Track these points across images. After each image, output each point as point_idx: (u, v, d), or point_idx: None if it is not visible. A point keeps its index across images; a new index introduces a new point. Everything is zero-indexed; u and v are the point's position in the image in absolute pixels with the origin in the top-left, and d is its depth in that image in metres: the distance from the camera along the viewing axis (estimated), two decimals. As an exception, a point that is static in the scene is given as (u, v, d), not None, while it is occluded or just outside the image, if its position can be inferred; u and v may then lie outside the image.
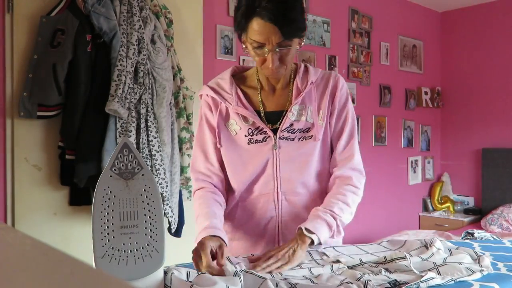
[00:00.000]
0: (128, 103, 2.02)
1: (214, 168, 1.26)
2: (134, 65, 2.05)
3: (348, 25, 3.77)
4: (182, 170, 2.32)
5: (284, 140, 1.21)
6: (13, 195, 2.01)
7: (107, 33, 2.00)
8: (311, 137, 1.22)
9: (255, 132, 1.22)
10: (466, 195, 4.51)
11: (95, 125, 2.00)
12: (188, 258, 1.06)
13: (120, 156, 0.80)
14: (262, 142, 1.21)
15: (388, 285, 0.88)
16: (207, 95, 1.27)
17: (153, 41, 2.17)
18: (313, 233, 1.11)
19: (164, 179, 2.10)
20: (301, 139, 1.22)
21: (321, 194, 1.27)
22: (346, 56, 3.76)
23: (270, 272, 0.99)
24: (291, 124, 1.21)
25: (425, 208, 4.49)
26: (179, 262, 1.07)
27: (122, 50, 2.01)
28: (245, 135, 1.22)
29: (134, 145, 2.04)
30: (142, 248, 0.79)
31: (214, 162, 1.26)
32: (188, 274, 0.87)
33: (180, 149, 2.32)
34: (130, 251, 0.78)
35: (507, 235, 3.47)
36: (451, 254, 1.08)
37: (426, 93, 4.41)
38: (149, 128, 2.08)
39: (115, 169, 0.79)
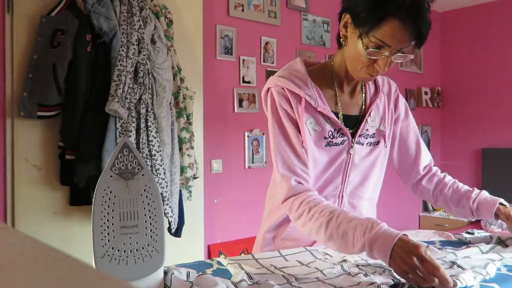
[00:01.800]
0: (128, 103, 2.02)
1: (308, 170, 1.13)
2: (134, 65, 2.05)
3: (348, 25, 3.77)
4: (182, 170, 2.32)
5: (358, 145, 1.19)
6: (13, 195, 2.01)
7: (107, 33, 2.00)
8: (377, 143, 1.22)
9: (336, 135, 1.15)
10: (466, 195, 4.50)
11: (95, 125, 2.00)
12: (188, 258, 1.06)
13: (120, 156, 0.80)
14: (340, 145, 1.17)
15: (392, 283, 0.88)
16: (284, 88, 1.13)
17: (153, 41, 2.17)
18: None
19: (164, 179, 2.10)
20: (369, 144, 1.21)
21: (374, 201, 1.29)
22: (346, 56, 3.75)
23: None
24: (367, 130, 1.20)
25: (425, 208, 4.49)
26: (179, 262, 1.07)
27: (122, 50, 2.01)
28: (325, 137, 1.15)
29: (134, 145, 2.04)
30: (142, 248, 0.79)
31: (307, 163, 1.12)
32: (188, 275, 0.87)
33: (180, 149, 2.31)
34: (130, 251, 0.78)
35: (507, 235, 3.47)
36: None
37: (426, 93, 4.41)
38: (149, 128, 2.08)
39: (115, 169, 0.79)
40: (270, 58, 3.17)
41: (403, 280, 0.89)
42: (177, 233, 2.27)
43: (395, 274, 0.93)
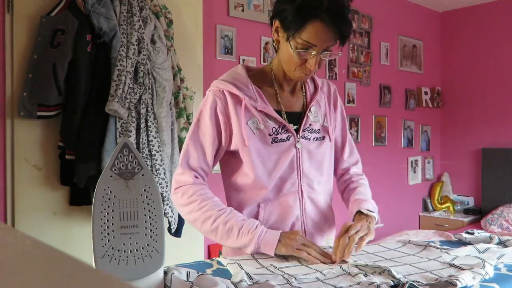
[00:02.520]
0: (128, 103, 2.02)
1: (209, 170, 1.24)
2: (134, 65, 2.05)
3: (348, 25, 3.76)
4: (182, 170, 2.32)
5: (304, 140, 1.25)
6: (13, 195, 2.01)
7: (107, 33, 2.00)
8: (323, 138, 1.29)
9: (280, 131, 1.22)
10: (466, 195, 4.51)
11: (95, 125, 2.00)
12: (188, 258, 1.06)
13: (120, 156, 0.80)
14: (286, 140, 1.22)
15: (392, 284, 0.88)
16: (224, 90, 1.20)
17: (153, 41, 2.17)
18: (373, 212, 1.21)
19: (164, 179, 2.10)
20: (315, 139, 1.27)
21: (329, 194, 1.35)
22: (346, 56, 3.76)
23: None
24: (310, 124, 1.27)
25: (425, 208, 4.49)
26: (179, 262, 1.07)
27: (122, 50, 2.01)
28: (269, 134, 1.21)
29: (134, 145, 2.04)
30: (142, 248, 0.79)
31: (210, 163, 1.23)
32: (188, 275, 0.87)
33: (180, 149, 2.32)
34: (130, 251, 0.78)
35: (507, 235, 3.47)
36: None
37: (426, 93, 4.41)
38: (149, 128, 2.08)
39: (115, 169, 0.79)
40: (270, 58, 3.17)
41: (403, 280, 0.90)
42: (177, 233, 2.27)
43: (394, 274, 0.93)
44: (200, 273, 0.89)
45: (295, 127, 1.24)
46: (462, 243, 1.26)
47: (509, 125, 4.20)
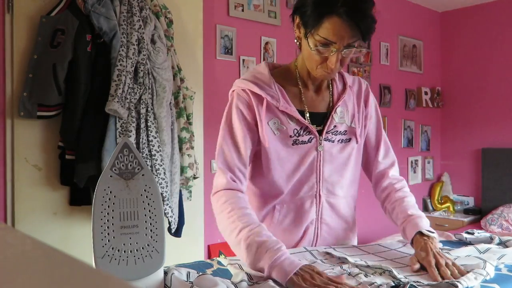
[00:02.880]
0: (128, 103, 2.02)
1: (246, 169, 1.16)
2: (134, 65, 2.05)
3: (348, 25, 3.76)
4: (182, 170, 2.32)
5: (327, 142, 1.19)
6: (13, 195, 2.01)
7: (107, 33, 2.00)
8: (349, 140, 1.22)
9: (302, 133, 1.16)
10: (466, 195, 4.51)
11: (95, 125, 2.00)
12: (188, 258, 1.06)
13: (120, 156, 0.80)
14: (307, 142, 1.17)
15: (393, 284, 0.88)
16: (246, 90, 1.17)
17: (153, 41, 2.17)
18: (434, 232, 1.10)
19: (164, 179, 2.10)
20: (340, 141, 1.21)
21: (352, 198, 1.29)
22: (346, 56, 3.75)
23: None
24: (335, 126, 1.20)
25: (425, 208, 4.49)
26: (179, 262, 1.07)
27: (122, 50, 2.01)
28: (290, 136, 1.16)
29: (134, 145, 2.04)
30: (142, 248, 0.79)
31: (246, 162, 1.15)
32: (188, 275, 0.87)
33: (180, 149, 2.31)
34: (130, 251, 0.78)
35: (507, 235, 3.47)
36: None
37: (426, 93, 4.41)
38: (149, 128, 2.08)
39: (115, 169, 0.79)
40: (270, 58, 3.17)
41: (404, 281, 0.89)
42: (177, 233, 2.27)
43: (395, 274, 0.93)
44: (200, 273, 0.89)
45: (318, 128, 1.19)
46: (462, 243, 1.26)
47: (509, 125, 4.20)
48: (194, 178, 2.44)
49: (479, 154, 4.34)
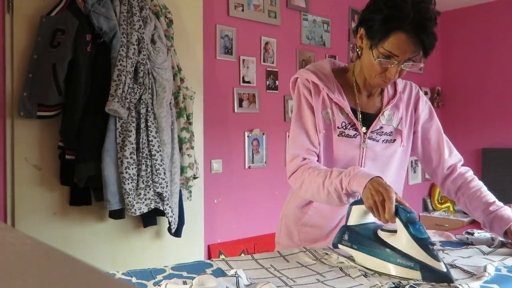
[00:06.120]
0: (128, 103, 2.02)
1: (316, 149, 1.24)
2: (134, 65, 2.05)
3: (348, 25, 3.77)
4: (182, 170, 2.32)
5: (371, 141, 1.26)
6: (13, 195, 2.01)
7: (107, 33, 2.00)
8: (394, 141, 1.29)
9: (348, 127, 1.24)
10: (466, 195, 4.50)
11: (95, 125, 2.00)
12: (188, 258, 1.06)
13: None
14: (352, 137, 1.25)
15: (393, 285, 0.88)
16: (307, 79, 1.27)
17: (153, 41, 2.17)
18: None
19: (164, 179, 2.10)
20: (384, 141, 1.28)
21: None
22: (346, 56, 3.76)
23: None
24: (381, 127, 1.28)
25: (425, 208, 4.49)
26: (179, 262, 1.07)
27: (122, 50, 2.01)
28: (338, 127, 1.24)
29: (135, 145, 2.04)
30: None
31: (316, 143, 1.24)
32: (185, 284, 0.86)
33: (180, 149, 2.31)
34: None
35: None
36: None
37: (426, 93, 4.41)
38: (149, 128, 2.08)
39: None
40: (270, 58, 3.17)
41: (404, 282, 0.90)
42: (177, 233, 2.27)
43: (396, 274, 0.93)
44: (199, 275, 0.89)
45: (364, 127, 1.26)
46: (463, 243, 1.26)
47: (509, 125, 4.20)
48: (194, 178, 2.44)
49: (479, 154, 4.34)
